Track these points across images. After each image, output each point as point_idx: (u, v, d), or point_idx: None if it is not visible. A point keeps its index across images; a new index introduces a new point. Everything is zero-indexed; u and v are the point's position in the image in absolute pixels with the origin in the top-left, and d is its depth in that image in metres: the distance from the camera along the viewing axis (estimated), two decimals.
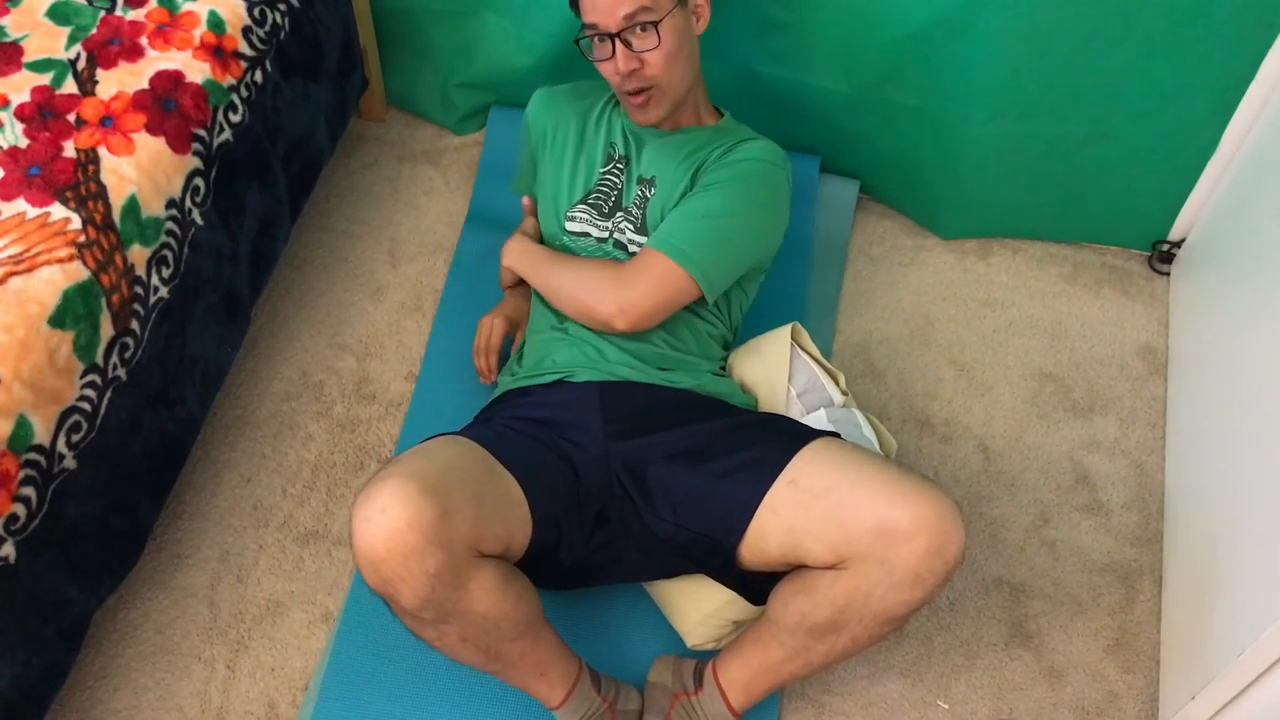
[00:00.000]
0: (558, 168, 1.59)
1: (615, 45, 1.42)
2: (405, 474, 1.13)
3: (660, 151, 1.54)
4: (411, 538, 1.09)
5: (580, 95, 1.64)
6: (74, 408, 1.24)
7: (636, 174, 1.54)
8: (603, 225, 1.53)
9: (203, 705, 1.45)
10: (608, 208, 1.54)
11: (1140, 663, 1.50)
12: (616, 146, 1.57)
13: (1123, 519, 1.63)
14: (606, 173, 1.56)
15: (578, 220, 1.55)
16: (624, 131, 1.57)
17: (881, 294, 1.87)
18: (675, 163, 1.52)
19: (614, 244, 1.52)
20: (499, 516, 1.22)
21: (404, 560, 1.10)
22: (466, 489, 1.18)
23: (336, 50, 1.76)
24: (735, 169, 1.49)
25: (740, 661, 1.34)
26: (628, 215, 1.52)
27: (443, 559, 1.12)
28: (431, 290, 1.86)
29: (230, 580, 1.55)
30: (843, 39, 1.71)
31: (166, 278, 1.38)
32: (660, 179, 1.52)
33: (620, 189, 1.54)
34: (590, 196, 1.55)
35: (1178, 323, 1.81)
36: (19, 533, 1.18)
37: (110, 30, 1.47)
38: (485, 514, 1.19)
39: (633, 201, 1.53)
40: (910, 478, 1.19)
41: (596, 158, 1.57)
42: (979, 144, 1.75)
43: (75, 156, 1.33)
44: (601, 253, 1.53)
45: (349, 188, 2.00)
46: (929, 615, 1.53)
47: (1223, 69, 1.60)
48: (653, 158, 1.54)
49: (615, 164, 1.56)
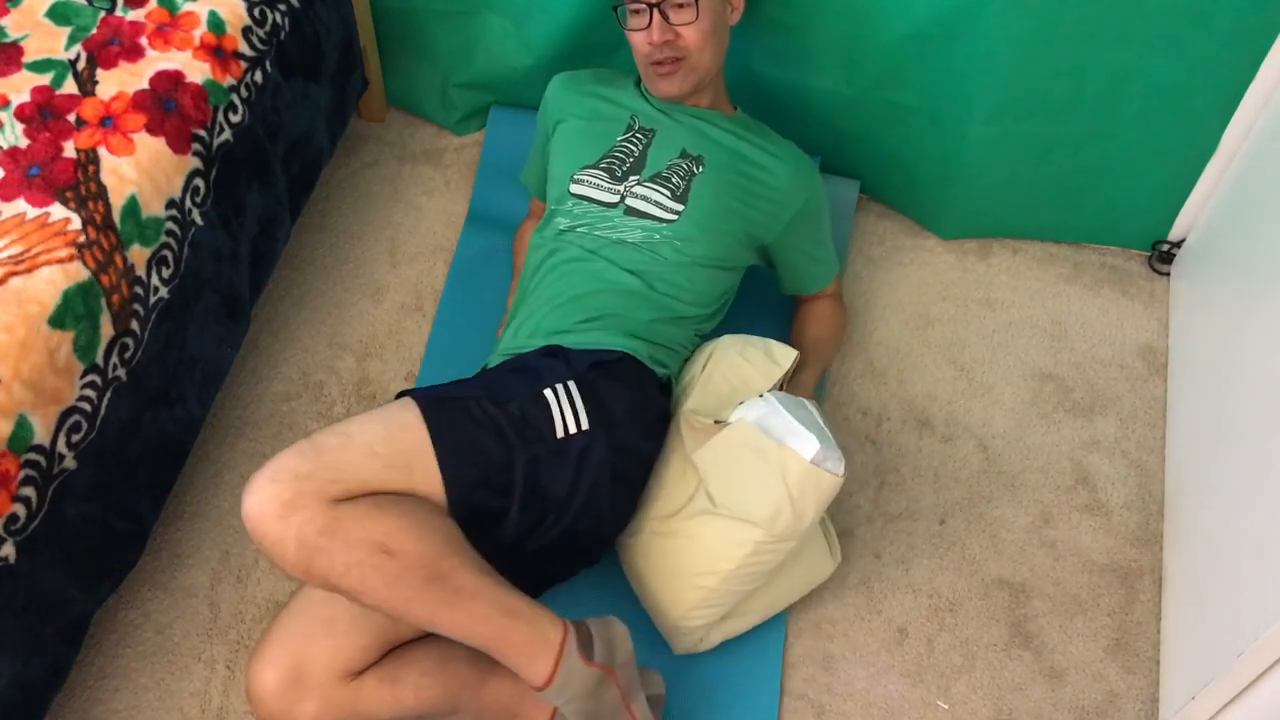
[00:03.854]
0: (573, 136, 1.62)
1: (653, 15, 1.48)
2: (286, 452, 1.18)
3: (702, 135, 1.58)
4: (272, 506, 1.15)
5: (600, 79, 1.69)
6: (74, 408, 1.24)
7: (680, 146, 1.57)
8: (613, 189, 1.54)
9: (203, 705, 1.45)
10: (621, 172, 1.55)
11: (1140, 663, 1.50)
12: (638, 118, 1.60)
13: (1123, 519, 1.63)
14: (625, 140, 1.58)
15: (585, 183, 1.56)
16: (649, 108, 1.61)
17: (881, 294, 1.87)
18: (723, 152, 1.58)
19: (625, 209, 1.52)
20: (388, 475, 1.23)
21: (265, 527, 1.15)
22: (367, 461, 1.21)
23: (336, 50, 1.76)
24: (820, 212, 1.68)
25: None
26: (663, 182, 1.53)
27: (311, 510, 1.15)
28: (431, 290, 1.86)
29: (230, 580, 1.55)
30: (843, 39, 1.71)
31: (166, 278, 1.38)
32: (709, 161, 1.56)
33: (637, 156, 1.56)
34: (604, 161, 1.57)
35: (1178, 323, 1.81)
36: (19, 533, 1.18)
37: (110, 30, 1.47)
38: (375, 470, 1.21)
39: (672, 170, 1.54)
40: None
41: (616, 126, 1.60)
42: (979, 144, 1.75)
43: (75, 157, 1.33)
44: (603, 219, 1.52)
45: (349, 188, 2.00)
46: (929, 615, 1.54)
47: (1223, 69, 1.60)
48: (697, 139, 1.58)
49: (636, 133, 1.58)
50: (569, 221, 1.55)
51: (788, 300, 1.76)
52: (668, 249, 1.51)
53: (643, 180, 1.54)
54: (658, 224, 1.51)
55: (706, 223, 1.52)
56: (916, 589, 1.56)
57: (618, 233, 1.51)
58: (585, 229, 1.53)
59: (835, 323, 1.74)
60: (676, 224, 1.51)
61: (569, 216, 1.55)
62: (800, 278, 1.71)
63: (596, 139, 1.59)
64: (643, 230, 1.51)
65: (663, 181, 1.53)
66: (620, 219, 1.52)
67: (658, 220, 1.51)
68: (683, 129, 1.59)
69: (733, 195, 1.56)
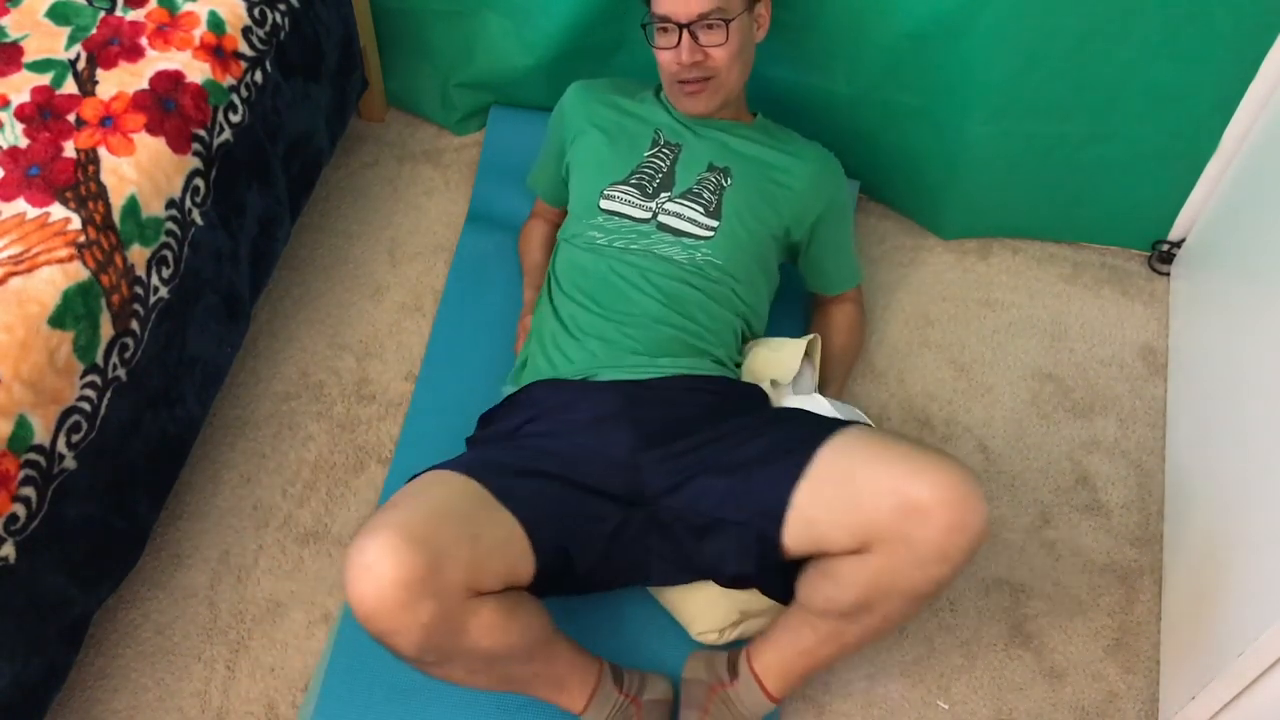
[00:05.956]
0: (598, 150, 1.61)
1: (682, 36, 1.47)
2: (392, 525, 1.12)
3: (726, 146, 1.58)
4: (401, 593, 1.09)
5: (618, 89, 1.68)
6: (74, 408, 1.24)
7: (706, 160, 1.56)
8: (645, 206, 1.53)
9: (203, 705, 1.45)
10: (652, 189, 1.54)
11: (1140, 663, 1.50)
12: (663, 132, 1.60)
13: (1123, 519, 1.63)
14: (652, 156, 1.57)
15: (615, 199, 1.55)
16: (672, 122, 1.61)
17: (881, 294, 1.87)
18: (748, 162, 1.58)
19: (657, 225, 1.52)
20: (497, 554, 1.20)
21: (394, 615, 1.10)
22: (459, 531, 1.17)
23: (336, 50, 1.76)
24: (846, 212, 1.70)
25: (774, 649, 1.34)
26: (695, 199, 1.53)
27: (435, 609, 1.11)
28: (431, 290, 1.86)
29: (230, 580, 1.55)
30: (843, 39, 1.71)
31: (166, 278, 1.38)
32: (737, 172, 1.56)
33: (666, 171, 1.55)
34: (633, 177, 1.56)
35: (1178, 323, 1.81)
36: (19, 533, 1.18)
37: (110, 30, 1.47)
38: (481, 555, 1.17)
39: (702, 185, 1.54)
40: (925, 453, 1.18)
41: (642, 141, 1.59)
42: (979, 144, 1.75)
43: (75, 157, 1.33)
44: (638, 234, 1.52)
45: (349, 188, 2.00)
46: (929, 615, 1.53)
47: (1223, 69, 1.60)
48: (722, 151, 1.58)
49: (662, 148, 1.58)
50: (604, 236, 1.53)
51: (782, 300, 1.75)
52: (710, 267, 1.50)
53: (674, 197, 1.53)
54: (696, 240, 1.51)
55: (742, 236, 1.52)
56: None
57: (657, 249, 1.50)
58: (624, 244, 1.52)
59: (861, 332, 1.75)
60: (714, 240, 1.51)
61: (602, 231, 1.54)
62: (828, 277, 1.71)
63: (622, 153, 1.58)
64: (682, 248, 1.50)
65: (694, 198, 1.53)
66: (655, 235, 1.51)
67: (695, 238, 1.51)
68: (707, 142, 1.59)
69: (763, 202, 1.56)
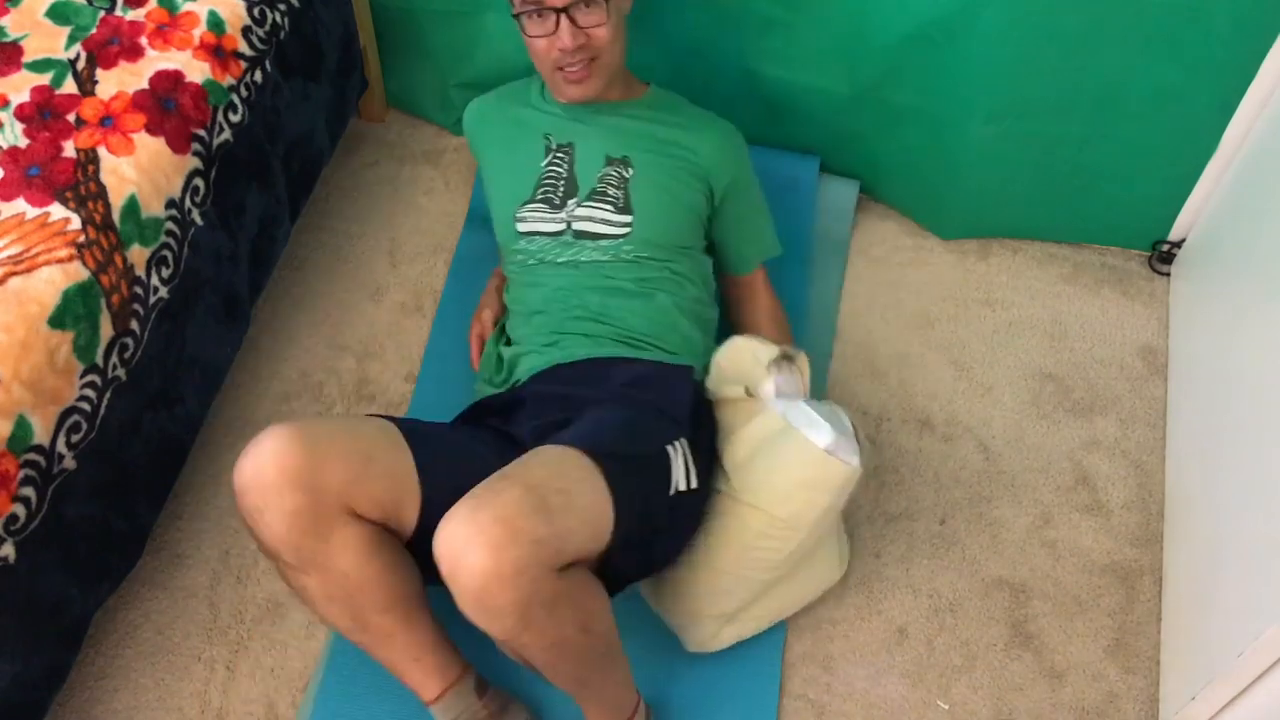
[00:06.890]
0: (500, 173, 1.60)
1: (559, 20, 1.41)
2: (291, 424, 1.20)
3: (618, 131, 1.54)
4: (276, 476, 1.16)
5: (507, 98, 1.65)
6: (74, 408, 1.24)
7: (602, 154, 1.53)
8: (557, 218, 1.52)
9: (203, 705, 1.45)
10: (558, 199, 1.53)
11: (1140, 663, 1.50)
12: (552, 137, 1.56)
13: (1123, 519, 1.63)
14: (549, 165, 1.55)
15: (528, 219, 1.54)
16: (558, 120, 1.57)
17: (881, 294, 1.87)
18: (645, 143, 1.54)
19: (574, 234, 1.51)
20: (382, 482, 1.23)
21: (264, 492, 1.17)
22: (351, 446, 1.22)
23: (336, 50, 1.76)
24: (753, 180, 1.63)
25: None
26: (601, 198, 1.51)
27: (304, 501, 1.17)
28: (431, 290, 1.86)
29: (230, 580, 1.55)
30: (843, 39, 1.71)
31: (166, 278, 1.38)
32: (636, 159, 1.53)
33: (567, 177, 1.53)
34: (538, 192, 1.54)
35: (1178, 323, 1.81)
36: (19, 533, 1.18)
37: (110, 30, 1.47)
38: (366, 475, 1.21)
39: (605, 183, 1.52)
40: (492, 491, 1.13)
41: (537, 154, 1.56)
42: (979, 144, 1.75)
43: (75, 156, 1.33)
44: (560, 246, 1.51)
45: (349, 188, 2.00)
46: (929, 615, 1.54)
47: (1223, 69, 1.60)
48: (614, 139, 1.54)
49: (556, 154, 1.55)
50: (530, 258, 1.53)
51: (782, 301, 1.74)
52: (638, 259, 1.49)
53: (581, 202, 1.51)
54: (615, 240, 1.49)
55: (659, 221, 1.51)
56: (916, 589, 1.56)
57: (582, 257, 1.50)
58: (550, 258, 1.51)
59: (782, 315, 1.66)
60: (632, 234, 1.49)
61: (526, 254, 1.54)
62: (738, 252, 1.64)
63: (521, 170, 1.56)
64: (604, 250, 1.49)
65: (600, 197, 1.51)
66: (576, 243, 1.50)
67: (613, 237, 1.50)
68: (599, 131, 1.55)
69: (670, 179, 1.53)
